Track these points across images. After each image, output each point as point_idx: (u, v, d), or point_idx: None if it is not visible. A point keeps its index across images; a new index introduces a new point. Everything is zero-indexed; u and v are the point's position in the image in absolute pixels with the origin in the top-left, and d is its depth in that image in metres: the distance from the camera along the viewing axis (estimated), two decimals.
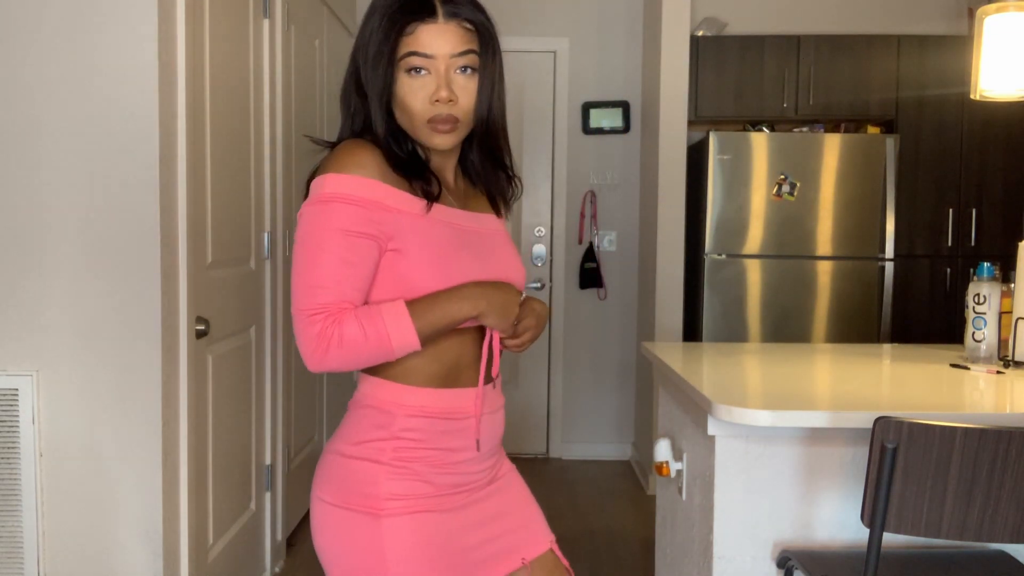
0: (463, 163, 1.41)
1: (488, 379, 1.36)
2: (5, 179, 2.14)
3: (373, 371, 1.31)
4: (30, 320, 2.15)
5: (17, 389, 2.13)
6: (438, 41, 1.23)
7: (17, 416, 2.14)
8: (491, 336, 1.34)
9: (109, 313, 2.15)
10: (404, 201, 1.25)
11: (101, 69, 2.12)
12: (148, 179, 2.14)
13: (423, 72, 1.24)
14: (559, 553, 1.48)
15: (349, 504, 1.29)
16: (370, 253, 1.23)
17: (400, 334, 1.21)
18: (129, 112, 2.13)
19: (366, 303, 1.25)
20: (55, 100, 2.13)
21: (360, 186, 1.22)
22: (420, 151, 1.33)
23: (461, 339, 1.33)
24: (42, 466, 2.17)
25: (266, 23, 2.99)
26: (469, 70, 1.26)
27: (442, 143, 1.28)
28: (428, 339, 1.25)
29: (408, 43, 1.23)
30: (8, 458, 2.15)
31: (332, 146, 1.33)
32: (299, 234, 1.24)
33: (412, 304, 1.23)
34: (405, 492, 1.28)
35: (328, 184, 1.23)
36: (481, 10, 1.28)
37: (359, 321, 1.20)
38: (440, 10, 1.24)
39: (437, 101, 1.24)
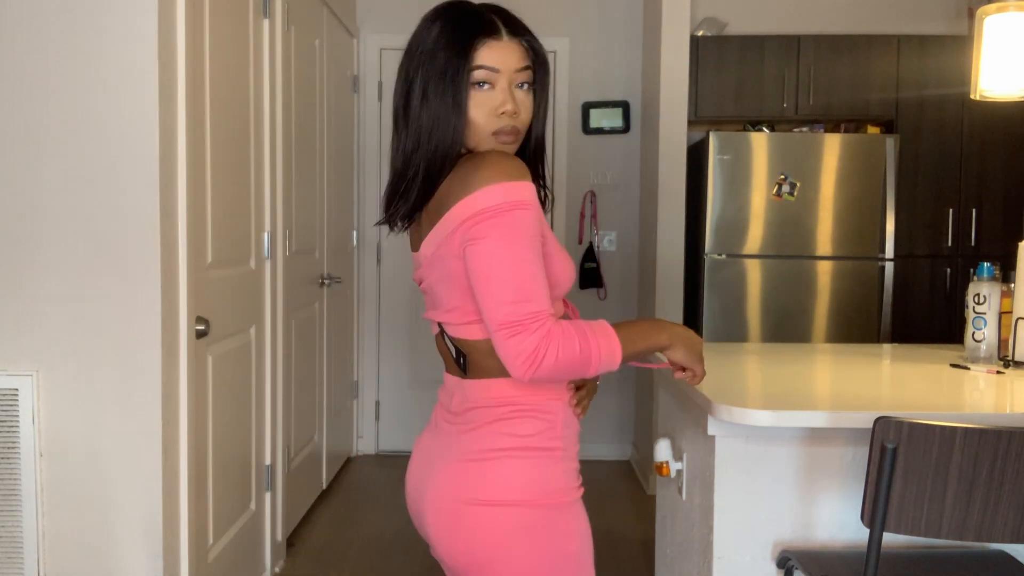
0: None
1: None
2: (5, 179, 2.14)
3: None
4: (30, 320, 2.15)
5: (17, 389, 2.13)
6: (503, 56, 1.30)
7: (17, 416, 2.14)
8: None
9: (109, 313, 2.15)
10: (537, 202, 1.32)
11: (101, 69, 2.12)
12: (148, 179, 2.14)
13: (487, 86, 1.30)
14: None
15: (537, 502, 1.31)
16: (542, 256, 1.28)
17: (609, 357, 1.25)
18: (129, 112, 2.13)
19: None
20: (55, 100, 2.13)
21: (531, 191, 1.26)
22: None
23: None
24: (42, 466, 2.17)
25: (266, 23, 2.99)
26: (526, 86, 1.33)
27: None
28: (624, 363, 1.31)
29: (475, 58, 1.29)
30: (8, 458, 2.15)
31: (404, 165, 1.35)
32: (489, 245, 1.22)
33: (618, 328, 1.28)
34: (570, 483, 1.36)
35: (512, 192, 1.23)
36: (532, 32, 1.37)
37: (571, 339, 1.22)
38: (503, 29, 1.31)
39: (503, 114, 1.30)
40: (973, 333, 2.34)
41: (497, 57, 1.29)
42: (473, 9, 1.33)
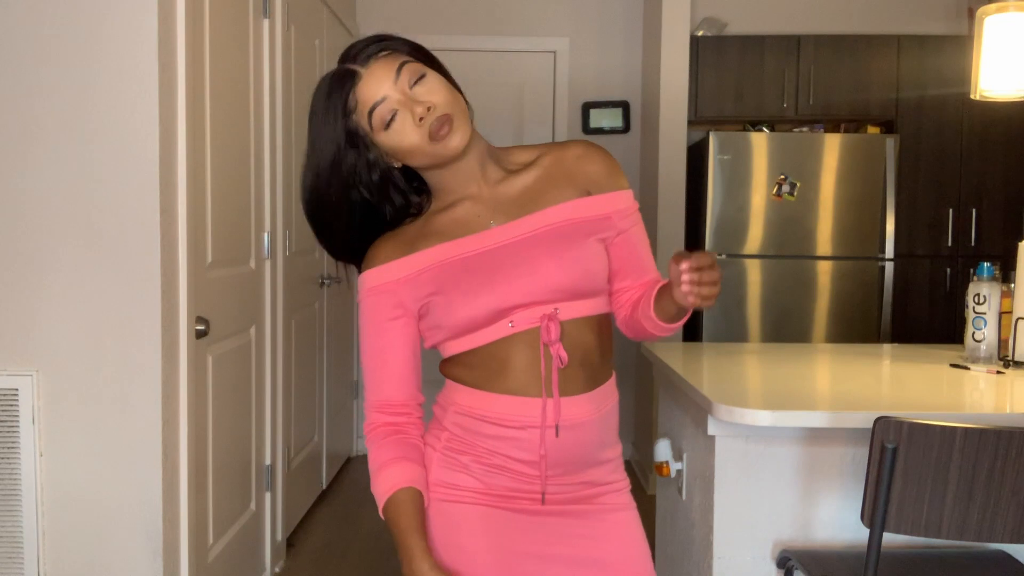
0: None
1: (549, 393, 1.30)
2: (5, 179, 2.14)
3: (444, 372, 1.42)
4: (30, 320, 2.15)
5: (17, 389, 2.13)
6: (376, 85, 1.26)
7: (17, 416, 2.14)
8: (555, 354, 1.29)
9: (109, 313, 2.15)
10: (418, 262, 1.32)
11: (101, 69, 2.12)
12: (148, 179, 2.14)
13: (393, 115, 1.26)
14: None
15: None
16: (401, 335, 1.34)
17: (377, 495, 1.33)
18: (129, 112, 2.13)
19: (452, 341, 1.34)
20: (55, 100, 2.12)
21: (378, 276, 1.34)
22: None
23: (507, 347, 1.29)
24: (42, 466, 2.17)
25: (266, 23, 2.99)
26: (423, 76, 1.27)
27: (456, 143, 1.27)
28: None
29: (362, 109, 1.27)
30: (8, 458, 2.15)
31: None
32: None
33: (399, 501, 1.29)
34: (453, 482, 1.34)
35: (359, 284, 1.38)
36: (387, 37, 1.30)
37: (377, 454, 1.34)
38: (359, 67, 1.27)
39: (421, 120, 1.25)
40: (973, 333, 2.34)
41: (375, 89, 1.26)
42: (330, 75, 1.30)
